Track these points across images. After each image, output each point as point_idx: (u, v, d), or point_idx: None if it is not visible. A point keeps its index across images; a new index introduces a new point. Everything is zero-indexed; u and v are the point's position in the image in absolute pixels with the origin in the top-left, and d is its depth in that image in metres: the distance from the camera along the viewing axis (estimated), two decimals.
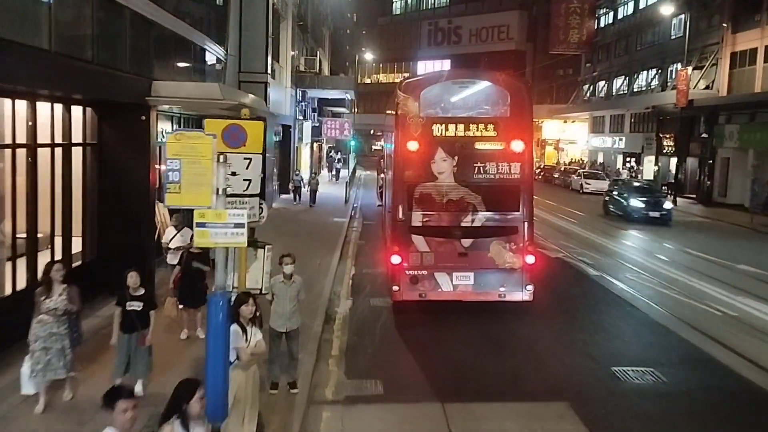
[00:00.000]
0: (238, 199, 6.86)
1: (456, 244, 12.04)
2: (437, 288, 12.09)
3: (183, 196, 5.51)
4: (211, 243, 5.52)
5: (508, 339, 11.51)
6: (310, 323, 11.60)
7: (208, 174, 5.50)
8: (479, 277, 12.05)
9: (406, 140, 12.05)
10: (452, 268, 12.02)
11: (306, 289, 13.45)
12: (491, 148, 12.06)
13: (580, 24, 57.51)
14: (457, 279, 12.05)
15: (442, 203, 12.02)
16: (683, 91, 35.98)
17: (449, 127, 12.07)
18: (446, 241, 12.03)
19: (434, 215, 12.04)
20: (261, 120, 6.83)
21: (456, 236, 12.04)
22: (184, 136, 5.51)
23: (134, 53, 12.01)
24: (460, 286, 12.09)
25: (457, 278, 12.05)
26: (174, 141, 5.50)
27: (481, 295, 12.16)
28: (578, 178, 44.04)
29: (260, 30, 25.45)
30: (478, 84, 12.70)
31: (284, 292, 8.61)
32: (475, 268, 12.02)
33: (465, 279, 12.04)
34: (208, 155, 5.54)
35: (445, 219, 12.05)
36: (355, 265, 17.53)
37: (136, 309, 7.68)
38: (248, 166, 6.86)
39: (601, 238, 22.98)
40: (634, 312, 13.48)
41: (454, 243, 12.03)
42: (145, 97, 12.08)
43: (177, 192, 5.51)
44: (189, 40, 15.51)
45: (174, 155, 5.51)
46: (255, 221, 7.09)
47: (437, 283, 12.09)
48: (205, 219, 5.48)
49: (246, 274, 7.19)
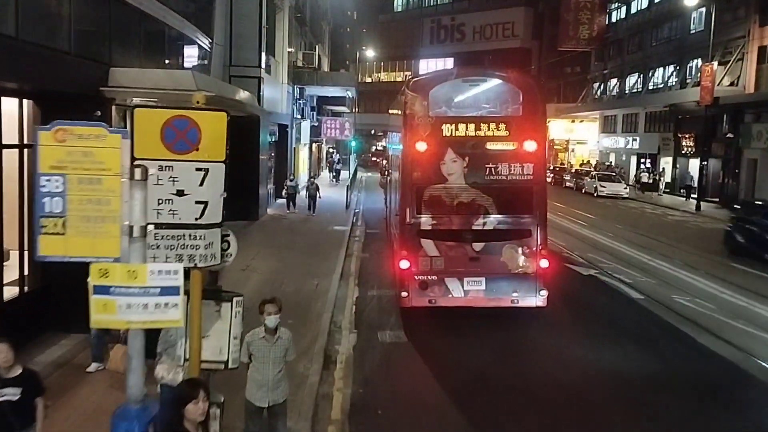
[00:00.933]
0: (187, 232, 4.44)
1: (467, 248, 11.47)
2: (447, 294, 11.47)
3: (69, 242, 3.09)
4: (120, 322, 3.11)
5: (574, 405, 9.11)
6: (304, 371, 9.30)
7: (114, 201, 3.08)
8: (491, 282, 11.47)
9: (414, 141, 11.45)
10: (463, 273, 11.44)
11: (302, 321, 11.28)
12: (503, 149, 11.49)
13: (590, 19, 55.15)
14: (469, 284, 11.45)
15: (452, 206, 11.43)
16: (708, 87, 33.62)
17: (459, 126, 11.48)
18: (457, 245, 11.49)
19: (444, 218, 11.46)
20: (223, 111, 4.31)
21: (467, 240, 11.48)
22: (70, 133, 3.09)
23: (83, 32, 9.57)
24: (472, 292, 11.46)
25: (468, 283, 11.44)
26: (52, 143, 3.07)
27: (493, 300, 11.57)
28: (592, 180, 41.60)
29: (253, 19, 23.08)
30: (489, 82, 12.17)
31: (266, 353, 6.20)
32: (487, 273, 11.44)
33: (476, 284, 11.45)
34: (116, 167, 3.12)
35: (456, 222, 11.47)
36: (359, 285, 15.13)
37: (10, 399, 5.03)
38: (203, 181, 4.43)
39: (638, 253, 20.55)
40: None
41: (465, 247, 11.47)
42: (100, 88, 9.70)
43: (58, 233, 3.10)
44: (162, 21, 13.06)
45: (53, 168, 3.09)
46: (215, 264, 4.66)
47: (447, 288, 11.46)
48: (109, 280, 3.07)
49: (203, 341, 4.76)
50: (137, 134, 4.28)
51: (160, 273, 3.21)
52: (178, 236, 4.41)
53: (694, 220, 29.82)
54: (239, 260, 16.80)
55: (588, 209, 32.00)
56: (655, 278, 16.37)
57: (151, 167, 4.10)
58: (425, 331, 11.58)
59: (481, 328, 11.74)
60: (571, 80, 63.20)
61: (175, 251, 4.38)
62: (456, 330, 11.63)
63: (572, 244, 21.26)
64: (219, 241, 4.62)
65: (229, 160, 4.54)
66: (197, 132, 4.39)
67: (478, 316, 11.78)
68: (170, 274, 3.24)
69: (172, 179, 4.37)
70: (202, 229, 4.47)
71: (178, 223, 4.42)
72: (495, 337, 11.36)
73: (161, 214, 4.37)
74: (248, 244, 18.91)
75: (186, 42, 15.53)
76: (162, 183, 4.36)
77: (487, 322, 11.82)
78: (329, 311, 12.50)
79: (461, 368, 9.91)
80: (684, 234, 24.71)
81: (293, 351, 6.46)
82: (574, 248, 20.28)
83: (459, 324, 11.77)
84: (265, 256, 17.33)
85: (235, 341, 4.99)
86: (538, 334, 11.67)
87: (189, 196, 4.43)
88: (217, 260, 4.60)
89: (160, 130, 4.32)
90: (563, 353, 10.67)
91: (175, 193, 4.39)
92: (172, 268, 3.32)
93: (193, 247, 4.43)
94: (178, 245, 4.40)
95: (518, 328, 11.85)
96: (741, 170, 34.95)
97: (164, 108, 4.36)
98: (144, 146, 4.27)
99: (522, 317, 12.03)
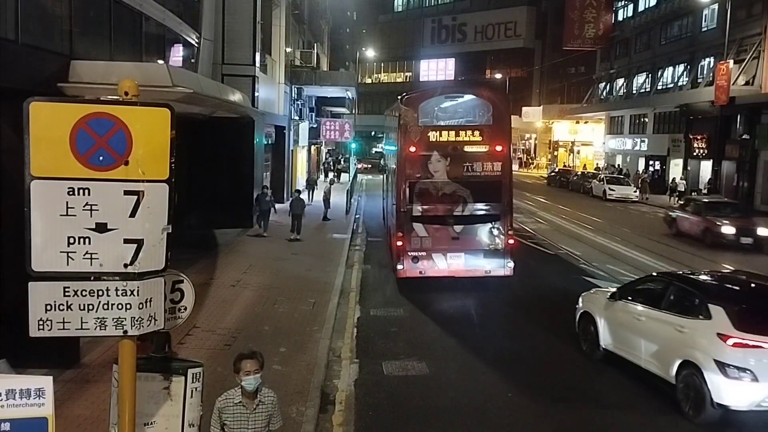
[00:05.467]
0: (113, 285, 3.00)
1: (449, 230, 14.07)
2: (434, 266, 14.08)
3: None
4: None
5: None
6: (298, 417, 7.87)
7: None
8: (469, 256, 14.08)
9: (407, 145, 14.02)
10: (446, 249, 14.05)
11: (296, 348, 9.96)
12: (477, 150, 14.07)
13: (596, 18, 53.76)
14: (451, 258, 14.06)
15: (437, 196, 14.01)
16: (723, 87, 32.18)
17: (443, 133, 14.20)
18: (441, 227, 14.06)
19: (431, 206, 14.02)
20: (165, 107, 2.84)
21: (449, 223, 14.05)
22: None
23: (35, 17, 8.13)
24: (453, 264, 14.08)
25: (450, 258, 14.05)
26: None
27: (471, 271, 14.16)
28: (600, 183, 40.12)
29: (247, 14, 21.66)
30: (466, 97, 15.40)
31: (244, 424, 4.76)
32: (466, 249, 14.08)
33: (457, 258, 14.06)
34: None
35: (440, 209, 14.04)
36: (361, 303, 13.72)
37: None
38: (134, 211, 2.99)
39: (657, 262, 19.10)
40: None
41: (448, 229, 14.06)
42: (58, 84, 8.29)
43: None
44: (138, 10, 11.60)
45: None
46: (156, 329, 3.21)
47: (434, 261, 14.06)
48: None
49: (146, 431, 3.32)
50: (34, 141, 2.86)
51: (11, 396, 1.79)
52: (99, 291, 2.98)
53: None
54: (230, 275, 15.42)
55: (597, 213, 30.58)
56: None
57: (56, 190, 2.68)
58: (440, 357, 10.17)
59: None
60: (575, 81, 61.90)
61: (94, 314, 2.95)
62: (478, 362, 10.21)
63: (586, 252, 19.85)
64: (162, 295, 3.18)
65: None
66: (126, 137, 2.96)
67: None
68: (29, 398, 1.81)
69: (89, 207, 2.94)
70: (135, 281, 3.02)
71: (99, 271, 2.98)
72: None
73: (73, 260, 2.95)
74: (240, 256, 17.49)
75: (169, 36, 14.08)
76: (74, 213, 2.94)
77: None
78: (327, 337, 11.06)
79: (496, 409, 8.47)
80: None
81: (279, 418, 5.01)
82: (590, 258, 18.87)
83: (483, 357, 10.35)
84: (257, 270, 15.91)
85: (191, 430, 3.54)
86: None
87: (114, 231, 2.99)
88: (158, 323, 3.15)
89: (69, 134, 2.89)
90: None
91: (93, 228, 2.95)
92: (33, 386, 1.89)
93: (121, 307, 3.00)
94: (98, 305, 2.98)
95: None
96: (757, 172, 33.54)
97: (76, 102, 2.94)
98: (45, 159, 2.86)
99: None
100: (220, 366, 8.43)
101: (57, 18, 8.79)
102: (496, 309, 13.64)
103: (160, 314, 3.15)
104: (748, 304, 8.40)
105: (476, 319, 12.86)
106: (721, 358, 7.59)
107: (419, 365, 9.97)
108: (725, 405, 7.60)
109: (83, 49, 9.26)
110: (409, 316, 12.85)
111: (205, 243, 18.44)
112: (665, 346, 8.56)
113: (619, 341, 9.66)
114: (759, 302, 8.65)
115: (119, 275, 3.03)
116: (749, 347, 7.57)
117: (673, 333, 8.44)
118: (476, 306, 13.67)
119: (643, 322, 9.13)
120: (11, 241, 7.48)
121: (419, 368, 9.87)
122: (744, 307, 8.21)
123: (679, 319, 8.46)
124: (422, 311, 13.15)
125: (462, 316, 13.00)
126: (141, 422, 3.39)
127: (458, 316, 13.04)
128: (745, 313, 7.97)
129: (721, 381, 7.54)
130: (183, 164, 14.31)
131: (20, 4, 7.62)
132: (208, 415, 4.60)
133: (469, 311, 13.37)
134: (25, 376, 2.54)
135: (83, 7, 9.47)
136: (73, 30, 8.97)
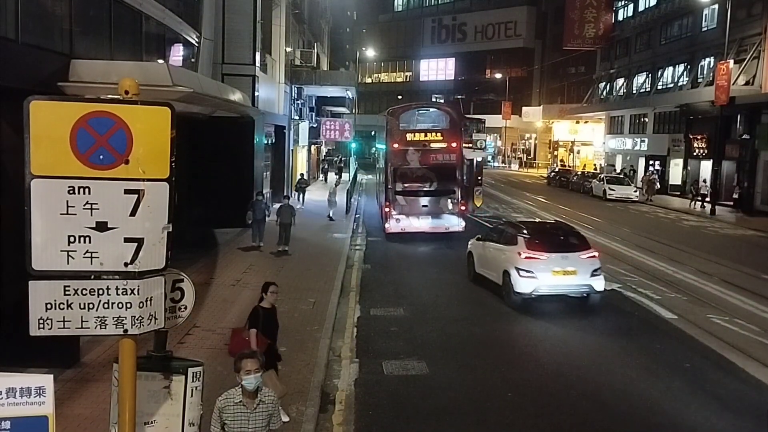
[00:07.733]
0: (114, 284, 3.00)
1: (421, 200, 21.09)
2: (411, 225, 20.93)
3: None
4: None
5: None
6: (297, 417, 7.85)
7: None
8: (434, 218, 21.09)
9: (393, 143, 21.43)
10: (419, 213, 21.00)
11: (296, 348, 9.95)
12: (439, 146, 21.22)
13: (596, 18, 53.69)
14: (422, 219, 21.01)
15: (412, 177, 21.02)
16: (723, 87, 32.07)
17: (416, 135, 21.34)
18: (415, 198, 21.05)
19: (408, 184, 21.03)
20: (166, 106, 2.84)
21: (420, 195, 21.08)
22: None
23: (35, 16, 8.12)
24: (423, 224, 21.00)
25: (421, 219, 21.00)
26: None
27: (435, 228, 21.11)
28: (600, 183, 40.10)
29: (247, 14, 21.65)
30: (432, 110, 23.30)
31: (244, 423, 4.76)
32: (432, 214, 21.06)
33: (426, 219, 21.05)
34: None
35: (414, 186, 21.07)
36: (361, 302, 13.71)
37: None
38: (135, 209, 3.00)
39: (659, 263, 19.08)
40: None
41: (420, 200, 21.08)
42: (58, 83, 8.28)
43: None
44: (138, 9, 11.59)
45: None
46: (157, 328, 3.21)
47: (410, 222, 20.94)
48: None
49: (146, 430, 3.32)
50: (34, 140, 2.86)
51: (11, 395, 1.79)
52: (99, 290, 2.98)
53: (712, 226, 28.37)
54: (230, 274, 15.42)
55: (597, 213, 30.56)
56: (685, 294, 14.94)
57: (56, 189, 2.68)
58: (440, 357, 10.17)
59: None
60: (575, 80, 61.88)
61: (95, 313, 2.95)
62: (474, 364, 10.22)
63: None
64: (162, 294, 3.18)
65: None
66: (126, 136, 2.96)
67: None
68: (29, 397, 1.81)
69: (90, 206, 2.94)
70: (135, 280, 3.03)
71: (99, 270, 2.98)
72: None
73: (73, 259, 2.95)
74: (240, 255, 17.49)
75: (169, 35, 14.08)
76: (74, 212, 2.94)
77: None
78: (327, 336, 11.06)
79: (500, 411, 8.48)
80: (713, 244, 23.26)
81: (279, 417, 5.01)
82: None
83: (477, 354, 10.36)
84: (258, 269, 15.90)
85: (191, 429, 3.54)
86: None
87: (115, 230, 2.99)
88: (158, 322, 3.15)
89: (69, 133, 2.89)
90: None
91: (93, 227, 2.96)
92: (33, 384, 1.90)
93: (121, 306, 3.00)
94: (98, 304, 2.98)
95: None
96: (757, 172, 33.52)
97: (76, 101, 2.94)
98: (45, 157, 2.86)
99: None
100: (220, 365, 8.42)
101: (57, 17, 8.79)
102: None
103: (161, 313, 3.16)
104: (536, 237, 13.47)
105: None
106: (519, 265, 12.90)
107: (419, 365, 9.97)
108: (520, 293, 12.85)
109: (83, 48, 9.26)
110: (409, 315, 12.84)
111: (205, 242, 18.43)
112: (497, 264, 13.96)
113: (481, 266, 15.05)
114: (543, 236, 13.74)
115: (119, 274, 3.04)
116: (533, 259, 12.80)
117: (501, 255, 13.81)
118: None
119: (491, 251, 14.50)
120: (11, 240, 7.48)
121: (419, 368, 9.87)
122: (533, 238, 13.36)
123: (504, 247, 13.78)
124: (422, 311, 13.15)
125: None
126: (141, 421, 3.40)
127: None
128: (532, 241, 13.21)
129: (518, 278, 12.83)
130: (183, 163, 14.29)
131: (20, 3, 7.62)
132: (209, 415, 4.60)
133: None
134: (26, 375, 2.57)
135: (83, 7, 9.46)
136: (74, 29, 8.97)
